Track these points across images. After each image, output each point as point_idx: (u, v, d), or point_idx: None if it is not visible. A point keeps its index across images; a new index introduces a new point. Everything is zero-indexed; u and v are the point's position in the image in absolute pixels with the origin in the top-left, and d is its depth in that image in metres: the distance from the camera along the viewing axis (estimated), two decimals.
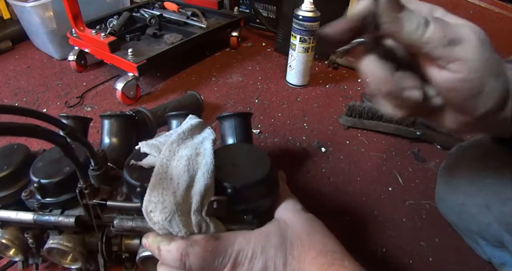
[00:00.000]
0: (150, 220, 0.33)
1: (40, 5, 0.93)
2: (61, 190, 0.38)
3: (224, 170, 0.37)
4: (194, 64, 1.04)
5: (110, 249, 0.41)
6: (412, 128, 0.74)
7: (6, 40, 1.09)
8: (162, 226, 0.33)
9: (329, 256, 0.29)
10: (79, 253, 0.39)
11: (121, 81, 0.82)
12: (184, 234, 0.33)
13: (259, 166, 0.37)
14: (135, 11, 1.11)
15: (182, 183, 0.34)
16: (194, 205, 0.33)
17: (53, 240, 0.39)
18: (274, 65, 1.04)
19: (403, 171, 0.68)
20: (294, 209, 0.34)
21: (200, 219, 0.33)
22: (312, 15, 0.81)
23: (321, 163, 0.69)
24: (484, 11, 0.74)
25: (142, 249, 0.38)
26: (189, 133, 0.41)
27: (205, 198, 0.34)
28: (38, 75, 0.98)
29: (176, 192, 0.33)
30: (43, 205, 0.38)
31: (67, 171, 0.38)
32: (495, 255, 0.49)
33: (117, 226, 0.37)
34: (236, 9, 1.14)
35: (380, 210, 0.60)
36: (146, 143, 0.41)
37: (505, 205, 0.44)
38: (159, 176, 0.34)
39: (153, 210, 0.33)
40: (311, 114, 0.84)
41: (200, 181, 0.34)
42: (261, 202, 0.36)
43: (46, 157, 0.41)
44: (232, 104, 0.87)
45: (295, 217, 0.33)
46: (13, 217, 0.38)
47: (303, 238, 0.30)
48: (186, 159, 0.36)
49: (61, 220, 0.38)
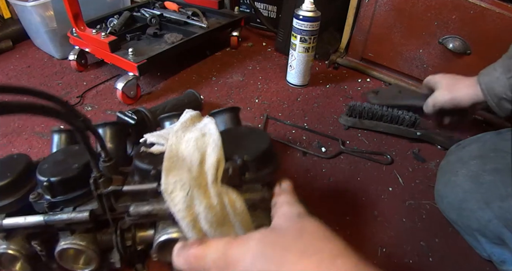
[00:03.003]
0: (172, 200, 0.34)
1: (40, 4, 0.93)
2: (71, 187, 0.38)
3: (230, 147, 0.39)
4: (195, 64, 1.04)
5: (124, 244, 0.41)
6: (412, 128, 0.74)
7: (7, 39, 1.09)
8: (183, 207, 0.34)
9: (314, 257, 0.27)
10: (93, 252, 0.39)
11: (121, 81, 0.82)
12: (204, 206, 0.34)
13: (260, 141, 0.42)
14: (135, 11, 1.11)
15: (194, 160, 0.37)
16: (210, 177, 0.36)
17: (65, 241, 0.39)
18: (275, 65, 1.04)
19: (403, 171, 0.68)
20: (288, 216, 0.33)
21: (218, 189, 0.35)
22: (312, 15, 0.81)
23: (321, 163, 0.69)
24: (484, 11, 0.73)
25: (158, 235, 0.39)
26: (190, 122, 0.43)
27: (219, 170, 0.36)
28: (38, 74, 0.98)
29: (191, 168, 0.36)
30: (53, 204, 0.38)
31: (75, 167, 0.39)
32: (495, 252, 0.49)
33: (133, 213, 0.37)
34: (237, 8, 1.14)
35: (380, 210, 0.60)
36: (151, 134, 0.43)
37: (504, 201, 0.44)
38: (171, 159, 0.37)
39: (173, 190, 0.34)
40: (311, 114, 0.84)
41: (211, 155, 0.37)
42: (265, 171, 0.40)
43: (50, 160, 0.41)
44: (233, 104, 0.87)
45: (287, 223, 0.32)
46: (22, 222, 0.38)
47: (287, 241, 0.29)
48: (193, 140, 0.39)
49: (74, 216, 0.38)
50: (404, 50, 0.90)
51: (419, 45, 0.87)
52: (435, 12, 0.80)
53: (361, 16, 0.93)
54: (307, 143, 0.75)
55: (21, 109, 0.25)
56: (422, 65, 0.89)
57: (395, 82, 0.95)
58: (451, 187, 0.52)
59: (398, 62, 0.93)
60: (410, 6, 0.83)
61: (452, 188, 0.52)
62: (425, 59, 0.88)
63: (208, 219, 0.35)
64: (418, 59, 0.89)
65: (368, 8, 0.90)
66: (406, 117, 0.73)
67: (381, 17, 0.90)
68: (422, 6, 0.82)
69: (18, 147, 0.73)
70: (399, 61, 0.93)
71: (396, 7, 0.86)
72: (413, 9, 0.83)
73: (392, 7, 0.87)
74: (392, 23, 0.88)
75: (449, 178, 0.53)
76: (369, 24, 0.92)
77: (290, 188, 0.40)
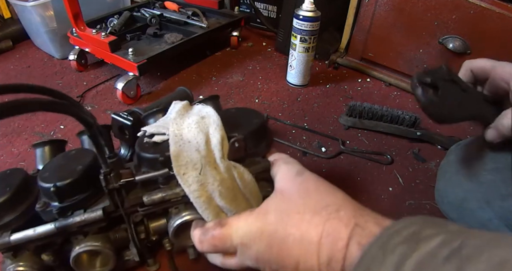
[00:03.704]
0: (185, 182, 0.35)
1: (40, 4, 0.93)
2: (78, 189, 0.38)
3: (228, 126, 0.41)
4: (195, 64, 1.04)
5: (138, 237, 0.42)
6: (412, 128, 0.74)
7: (7, 39, 1.09)
8: (197, 186, 0.35)
9: (324, 212, 0.30)
10: (109, 250, 0.39)
11: (121, 81, 0.82)
12: (218, 182, 0.36)
13: (255, 117, 0.44)
14: (135, 11, 1.11)
15: (200, 141, 0.38)
16: (218, 153, 0.37)
17: (80, 245, 0.39)
18: (275, 65, 1.04)
19: (403, 171, 0.68)
20: (289, 176, 0.35)
21: (227, 164, 0.37)
22: (312, 15, 0.81)
23: (321, 163, 0.69)
24: (484, 11, 0.74)
25: (172, 221, 0.39)
26: (184, 110, 0.44)
27: (224, 146, 0.38)
28: (38, 74, 0.98)
29: (199, 148, 0.37)
30: (63, 209, 0.37)
31: (80, 169, 0.39)
32: None
33: (148, 201, 0.38)
34: (237, 8, 1.14)
35: (380, 210, 0.59)
36: (149, 126, 0.44)
37: (505, 201, 0.44)
38: (177, 144, 0.38)
39: (185, 171, 0.36)
40: (312, 114, 0.84)
41: (215, 134, 0.39)
42: (263, 144, 0.43)
43: (50, 167, 0.41)
44: (233, 103, 0.87)
45: (289, 185, 0.34)
46: (32, 234, 0.37)
47: (298, 203, 0.31)
48: (195, 123, 0.40)
49: (87, 216, 0.38)
50: (404, 50, 0.90)
51: (419, 45, 0.87)
52: (435, 12, 0.80)
53: (361, 16, 0.93)
54: (307, 143, 0.75)
55: (36, 107, 0.25)
56: (422, 65, 0.89)
57: (395, 82, 0.95)
58: (451, 187, 0.52)
59: (398, 62, 0.93)
60: (410, 6, 0.83)
61: (453, 188, 0.52)
62: (425, 59, 0.88)
63: (222, 193, 0.36)
64: (418, 59, 0.89)
65: (368, 8, 0.90)
66: (406, 117, 0.73)
67: (381, 17, 0.90)
68: (422, 6, 0.82)
69: (18, 147, 0.73)
70: (399, 61, 0.93)
71: (396, 7, 0.86)
72: (413, 9, 0.84)
73: (392, 7, 0.87)
74: (392, 23, 0.88)
75: (449, 177, 0.53)
76: (369, 24, 0.92)
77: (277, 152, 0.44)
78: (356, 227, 0.28)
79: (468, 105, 0.43)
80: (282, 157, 0.40)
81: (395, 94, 0.93)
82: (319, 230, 0.29)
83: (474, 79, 0.46)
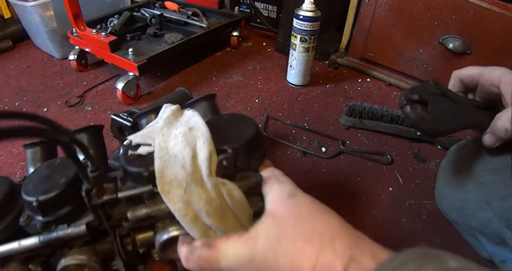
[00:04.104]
0: (170, 200, 0.34)
1: (40, 4, 0.93)
2: (62, 203, 0.37)
3: (218, 137, 0.39)
4: (195, 64, 1.04)
5: (125, 250, 0.41)
6: (412, 129, 0.74)
7: (7, 39, 1.09)
8: (182, 205, 0.34)
9: (317, 241, 0.28)
10: (95, 263, 0.39)
11: (121, 81, 0.82)
12: (204, 201, 0.34)
13: (247, 126, 0.41)
14: (135, 11, 1.11)
15: (186, 156, 0.36)
16: (205, 170, 0.35)
17: (66, 258, 0.38)
18: (275, 65, 1.04)
19: (403, 171, 0.68)
20: (281, 197, 0.33)
21: (214, 182, 0.35)
22: (312, 15, 0.81)
23: (321, 163, 0.69)
24: (484, 11, 0.73)
25: (159, 236, 0.38)
26: (173, 117, 0.42)
27: (212, 162, 0.36)
28: (38, 74, 0.98)
29: (185, 165, 0.35)
30: (47, 223, 0.37)
31: (63, 182, 0.37)
32: (496, 252, 0.49)
33: (132, 218, 0.37)
34: (237, 8, 1.14)
35: (380, 210, 0.60)
36: (135, 135, 0.42)
37: (505, 201, 0.44)
38: (162, 158, 0.36)
39: (169, 189, 0.34)
40: (312, 114, 0.84)
41: (202, 149, 0.36)
42: (256, 156, 0.40)
43: (34, 177, 0.40)
44: (233, 103, 0.87)
45: (281, 207, 0.32)
46: (16, 247, 0.36)
47: (290, 230, 0.30)
48: (182, 135, 0.38)
49: (71, 231, 0.37)
50: (404, 50, 0.90)
51: (419, 45, 0.87)
52: (435, 12, 0.80)
53: (361, 16, 0.93)
54: (307, 143, 0.75)
55: (8, 135, 0.25)
56: (422, 65, 0.89)
57: (395, 82, 0.95)
58: (451, 187, 0.52)
59: (398, 62, 0.93)
60: (410, 6, 0.83)
61: (453, 188, 0.52)
62: (425, 59, 0.88)
63: (209, 212, 0.34)
64: (418, 59, 0.89)
65: (368, 8, 0.90)
66: None
67: (381, 17, 0.90)
68: (422, 6, 0.82)
69: (18, 147, 0.73)
70: (399, 61, 0.93)
71: (396, 7, 0.86)
72: (413, 9, 0.84)
73: (392, 7, 0.87)
74: (392, 23, 0.88)
75: (449, 177, 0.53)
76: (369, 24, 0.92)
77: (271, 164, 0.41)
78: (351, 262, 0.26)
79: (461, 114, 0.43)
80: (275, 175, 0.38)
81: (395, 94, 0.93)
82: (312, 261, 0.27)
83: (465, 88, 0.46)
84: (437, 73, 0.87)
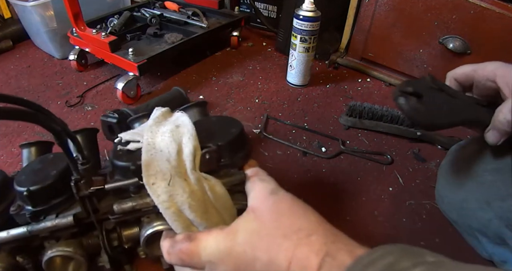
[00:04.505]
0: (154, 192, 0.35)
1: (40, 4, 0.93)
2: (51, 194, 0.38)
3: (204, 135, 0.40)
4: (195, 64, 1.04)
5: (111, 245, 0.41)
6: (412, 128, 0.74)
7: (7, 39, 1.09)
8: (165, 197, 0.34)
9: (294, 237, 0.29)
10: (81, 257, 0.39)
11: (121, 81, 0.82)
12: (187, 194, 0.35)
13: (232, 126, 0.43)
14: (135, 11, 1.11)
15: (172, 150, 0.37)
16: (189, 164, 0.37)
17: (52, 250, 0.38)
18: (275, 65, 1.04)
19: (404, 171, 0.68)
20: (263, 195, 0.34)
21: (197, 176, 0.36)
22: (312, 15, 0.81)
23: (321, 163, 0.69)
24: (484, 11, 0.73)
25: (144, 230, 0.39)
26: (162, 118, 0.44)
27: (196, 158, 0.37)
28: (38, 74, 0.98)
29: (170, 158, 0.37)
30: (36, 213, 0.37)
31: (54, 174, 0.38)
32: (496, 252, 0.49)
33: (118, 210, 0.38)
34: (237, 8, 1.14)
35: (380, 210, 0.60)
36: (125, 133, 0.43)
37: (505, 201, 0.44)
38: (149, 152, 0.37)
39: (154, 181, 0.35)
40: (312, 114, 0.84)
41: (188, 144, 0.38)
42: (240, 155, 0.42)
43: (27, 170, 0.41)
44: (233, 103, 0.87)
45: (263, 204, 0.33)
46: (5, 236, 0.37)
47: (269, 225, 0.30)
48: (169, 132, 0.40)
49: (59, 222, 0.37)
50: (404, 50, 0.90)
51: (419, 45, 0.87)
52: (435, 12, 0.81)
53: (361, 16, 0.93)
54: (307, 143, 0.75)
55: (4, 116, 0.25)
56: (422, 65, 0.89)
57: (395, 82, 0.95)
58: (451, 187, 0.52)
59: (398, 62, 0.93)
60: (410, 6, 0.83)
61: (453, 188, 0.52)
62: (425, 59, 0.88)
63: (192, 206, 0.35)
64: (418, 59, 0.89)
65: (368, 8, 0.90)
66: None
67: (381, 17, 0.90)
68: (422, 6, 0.82)
69: (18, 147, 0.72)
70: (399, 61, 0.93)
71: (396, 7, 0.86)
72: (413, 9, 0.84)
73: (392, 7, 0.87)
74: (392, 23, 0.88)
75: (449, 178, 0.53)
76: (369, 24, 0.92)
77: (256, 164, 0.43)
78: (327, 257, 0.26)
79: (459, 109, 0.42)
80: (259, 173, 0.39)
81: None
82: (288, 256, 0.28)
83: (461, 87, 0.46)
84: (437, 73, 0.86)
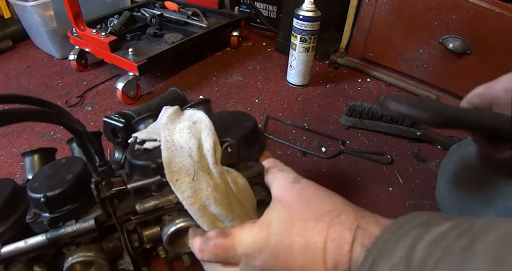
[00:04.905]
0: (178, 189, 0.35)
1: (40, 4, 0.93)
2: (69, 199, 0.37)
3: (220, 130, 0.41)
4: (195, 64, 1.04)
5: (132, 246, 0.41)
6: (412, 128, 0.74)
7: (7, 39, 1.09)
8: (190, 192, 0.34)
9: (326, 218, 0.30)
10: (103, 260, 0.39)
11: (121, 81, 0.82)
12: (212, 187, 0.35)
13: (245, 120, 0.44)
14: (135, 11, 1.11)
15: (192, 146, 0.37)
16: (211, 159, 0.37)
17: (73, 256, 0.38)
18: (275, 65, 1.04)
19: (404, 171, 0.68)
20: (286, 184, 0.36)
21: (220, 169, 0.37)
22: (312, 15, 0.81)
23: (321, 163, 0.69)
24: (484, 11, 0.73)
25: (166, 229, 0.39)
26: (175, 115, 0.44)
27: (216, 152, 0.38)
28: (38, 74, 0.98)
29: (192, 154, 0.37)
30: (54, 220, 0.37)
31: (70, 178, 0.38)
32: None
33: (141, 210, 0.37)
34: (237, 8, 1.14)
35: (380, 210, 0.60)
36: (140, 132, 0.43)
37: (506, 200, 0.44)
38: (169, 150, 0.37)
39: (178, 177, 0.35)
40: (312, 114, 0.84)
41: (207, 139, 0.38)
42: (255, 148, 0.43)
43: (39, 177, 0.40)
44: (233, 103, 0.87)
45: (288, 193, 0.34)
46: (23, 246, 0.36)
47: (299, 211, 0.32)
48: (186, 128, 0.40)
49: (79, 226, 0.37)
50: (404, 50, 0.90)
51: (419, 45, 0.87)
52: (435, 12, 0.80)
53: (361, 16, 0.93)
54: (307, 143, 0.75)
55: (23, 117, 0.26)
56: (422, 65, 0.89)
57: (395, 82, 0.95)
58: (452, 187, 0.52)
59: (398, 62, 0.93)
60: (410, 6, 0.83)
61: (453, 188, 0.52)
62: (425, 59, 0.88)
63: (216, 199, 0.35)
64: (418, 59, 0.89)
65: (368, 8, 0.90)
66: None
67: (381, 17, 0.90)
68: (422, 6, 0.82)
69: (18, 147, 0.73)
70: (399, 61, 0.93)
71: (396, 7, 0.86)
72: (413, 9, 0.84)
73: (392, 7, 0.87)
74: (392, 23, 0.88)
75: (450, 177, 0.53)
76: (369, 24, 0.92)
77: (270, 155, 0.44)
78: (358, 230, 0.28)
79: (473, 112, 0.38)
80: (277, 164, 0.40)
81: (395, 94, 0.93)
82: (323, 236, 0.29)
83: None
84: (437, 73, 0.87)
